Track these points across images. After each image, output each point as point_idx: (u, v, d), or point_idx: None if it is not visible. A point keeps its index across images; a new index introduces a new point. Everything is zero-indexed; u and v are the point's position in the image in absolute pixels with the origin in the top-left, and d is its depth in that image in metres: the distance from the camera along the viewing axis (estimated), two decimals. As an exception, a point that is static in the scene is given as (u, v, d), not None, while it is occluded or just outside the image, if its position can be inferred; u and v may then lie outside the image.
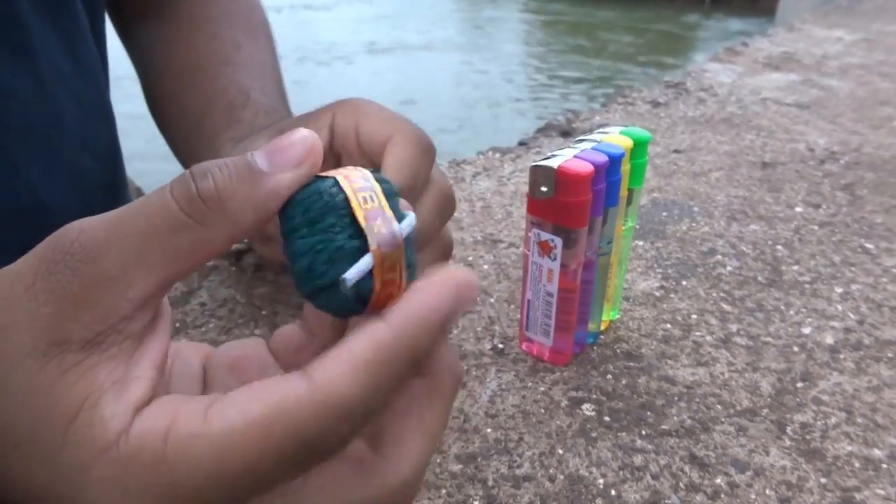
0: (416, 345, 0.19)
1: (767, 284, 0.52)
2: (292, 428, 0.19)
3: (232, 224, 0.20)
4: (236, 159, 0.21)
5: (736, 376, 0.42)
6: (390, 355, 0.19)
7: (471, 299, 0.20)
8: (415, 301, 0.20)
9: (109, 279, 0.20)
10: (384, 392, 0.19)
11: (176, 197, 0.20)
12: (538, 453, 0.36)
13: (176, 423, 0.19)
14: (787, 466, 0.35)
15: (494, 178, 0.69)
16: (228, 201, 0.20)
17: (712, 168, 0.73)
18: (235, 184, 0.20)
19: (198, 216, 0.20)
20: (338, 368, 0.19)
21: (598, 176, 0.38)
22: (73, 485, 0.19)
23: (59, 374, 0.19)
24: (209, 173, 0.20)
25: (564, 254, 0.38)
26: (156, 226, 0.20)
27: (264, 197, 0.20)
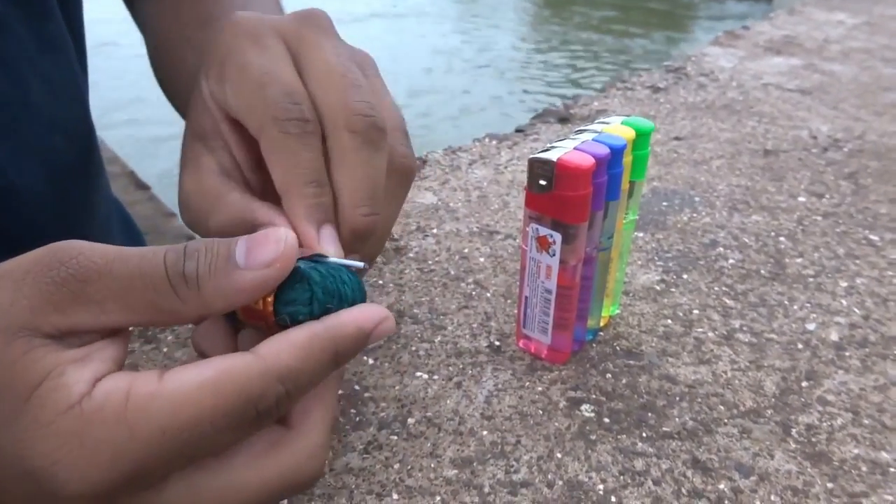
0: (340, 343, 0.24)
1: (770, 278, 0.50)
2: (240, 386, 0.22)
3: (202, 306, 0.23)
4: (222, 245, 0.24)
5: (739, 375, 0.41)
6: (321, 345, 0.24)
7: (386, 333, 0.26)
8: (348, 312, 0.25)
9: (89, 302, 0.22)
10: (311, 373, 0.24)
11: (167, 265, 0.23)
12: (536, 457, 0.34)
13: (134, 386, 0.22)
14: (793, 471, 0.34)
15: (491, 166, 0.67)
16: (204, 288, 0.23)
17: (713, 156, 0.72)
18: (213, 274, 0.23)
19: (177, 289, 0.23)
20: (280, 345, 0.23)
21: (600, 169, 0.36)
22: (29, 443, 0.21)
23: (24, 352, 0.22)
24: (196, 254, 0.23)
25: (564, 250, 0.37)
26: (143, 280, 0.23)
27: (234, 292, 0.23)
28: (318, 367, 0.24)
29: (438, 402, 0.38)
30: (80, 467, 0.21)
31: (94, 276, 0.22)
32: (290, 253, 0.24)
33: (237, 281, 0.23)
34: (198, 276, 0.23)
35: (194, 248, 0.23)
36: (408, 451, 0.35)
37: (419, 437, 0.35)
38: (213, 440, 0.22)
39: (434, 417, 0.37)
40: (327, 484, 0.33)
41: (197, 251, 0.23)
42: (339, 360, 0.25)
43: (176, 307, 0.23)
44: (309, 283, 0.25)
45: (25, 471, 0.21)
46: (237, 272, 0.23)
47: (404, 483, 0.33)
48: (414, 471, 0.34)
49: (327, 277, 0.26)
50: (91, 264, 0.22)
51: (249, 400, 0.22)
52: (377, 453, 0.34)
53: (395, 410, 0.37)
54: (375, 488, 0.33)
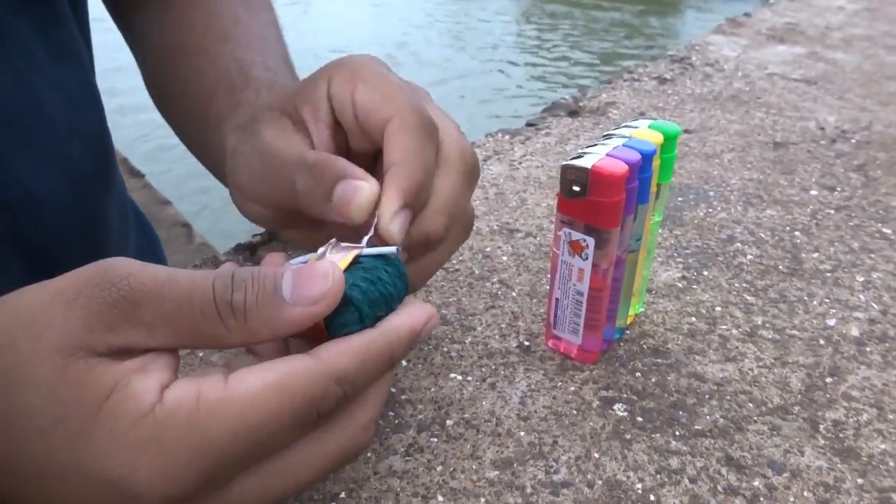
0: (394, 346, 0.26)
1: (789, 273, 0.51)
2: (302, 387, 0.23)
3: (248, 336, 0.24)
4: (268, 278, 0.24)
5: (765, 372, 0.42)
6: (377, 349, 0.25)
7: (434, 326, 0.28)
8: (399, 316, 0.27)
9: (139, 324, 0.23)
10: (367, 375, 0.25)
11: (216, 293, 0.24)
12: (574, 457, 0.35)
13: (203, 391, 0.23)
14: (823, 467, 0.36)
15: (506, 162, 0.68)
16: (250, 320, 0.24)
17: (724, 149, 0.72)
18: (259, 307, 0.24)
19: (224, 319, 0.24)
20: (340, 349, 0.25)
21: (632, 175, 0.37)
22: (108, 454, 0.22)
23: (87, 369, 0.22)
24: (244, 285, 0.24)
25: (596, 254, 0.38)
26: (192, 307, 0.23)
27: (279, 325, 0.24)
28: (374, 369, 0.26)
29: (474, 403, 0.39)
30: (161, 471, 0.22)
31: (145, 299, 0.23)
32: (336, 289, 0.25)
33: (283, 316, 0.24)
34: (245, 307, 0.24)
35: (242, 278, 0.24)
36: (449, 453, 0.35)
37: (458, 438, 0.36)
38: (279, 439, 0.24)
39: (471, 419, 0.38)
40: (373, 487, 0.34)
41: (244, 281, 0.24)
42: (394, 361, 0.27)
43: (221, 334, 0.24)
44: (355, 305, 0.26)
45: (106, 482, 0.22)
46: (284, 307, 0.24)
47: (448, 485, 0.34)
48: (457, 472, 0.34)
49: (369, 290, 0.27)
50: (142, 286, 0.23)
51: (312, 401, 0.24)
52: (419, 456, 0.35)
53: (432, 412, 0.38)
54: (420, 490, 0.33)
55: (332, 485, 0.34)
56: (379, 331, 0.26)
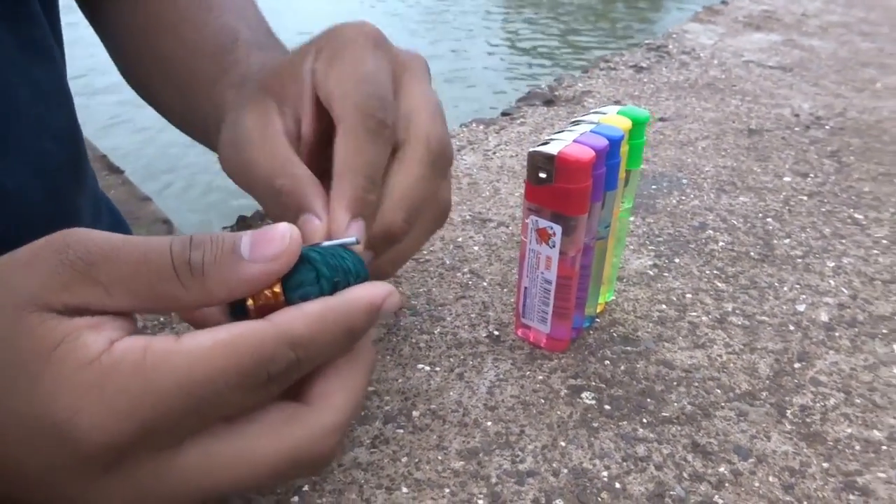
0: (352, 317, 0.25)
1: (760, 260, 0.51)
2: (253, 347, 0.23)
3: (205, 294, 0.24)
4: (227, 240, 0.24)
5: (734, 358, 0.42)
6: (335, 317, 0.25)
7: (394, 307, 0.27)
8: (359, 291, 0.26)
9: (96, 284, 0.23)
10: (323, 342, 0.25)
11: (173, 253, 0.24)
12: (541, 446, 0.35)
13: (152, 344, 0.23)
14: (789, 452, 0.36)
15: (479, 152, 0.67)
16: (208, 276, 0.24)
17: (699, 137, 0.72)
18: (218, 264, 0.24)
19: (182, 277, 0.24)
20: (293, 314, 0.24)
21: (599, 161, 0.37)
22: (51, 397, 0.22)
23: (40, 322, 0.23)
24: (203, 246, 0.24)
25: (563, 241, 0.38)
26: (148, 266, 0.23)
27: (237, 282, 0.24)
28: (331, 338, 0.25)
29: (441, 394, 0.38)
30: (101, 415, 0.22)
31: (101, 260, 0.23)
32: (293, 248, 0.25)
33: (240, 271, 0.24)
34: (203, 265, 0.24)
35: (200, 239, 0.24)
36: (414, 444, 0.35)
37: (425, 429, 0.36)
38: (226, 399, 0.23)
39: (438, 410, 0.37)
40: (336, 479, 0.33)
41: (203, 242, 0.24)
42: (352, 334, 0.26)
43: (178, 294, 0.24)
44: (311, 263, 0.26)
45: (50, 425, 0.22)
46: (241, 263, 0.24)
47: (413, 476, 0.33)
48: (422, 463, 0.34)
49: (327, 255, 0.27)
50: (98, 248, 0.23)
51: (261, 361, 0.23)
52: (384, 447, 0.35)
53: (399, 404, 0.38)
54: (385, 482, 0.33)
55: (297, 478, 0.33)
56: (336, 299, 0.26)
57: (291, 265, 0.25)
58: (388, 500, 0.32)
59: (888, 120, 0.78)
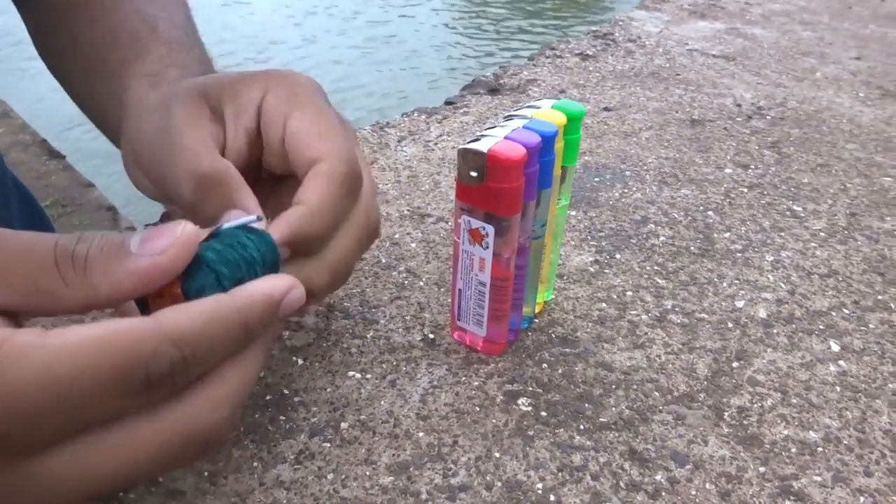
0: (247, 313, 0.23)
1: (700, 255, 0.51)
2: (128, 343, 0.21)
3: (87, 290, 0.22)
4: (115, 237, 0.23)
5: (672, 358, 0.41)
6: (226, 312, 0.23)
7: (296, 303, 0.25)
8: (257, 283, 0.24)
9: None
10: (214, 340, 0.23)
11: (58, 246, 0.22)
12: (474, 458, 0.34)
13: (12, 336, 0.20)
14: (726, 456, 0.35)
15: (420, 142, 0.65)
16: (91, 269, 0.22)
17: (643, 127, 0.71)
18: (102, 257, 0.22)
19: (62, 269, 0.22)
20: (179, 311, 0.22)
21: (531, 158, 0.35)
22: None
23: None
24: (90, 240, 0.22)
25: (497, 242, 0.36)
26: (30, 259, 0.22)
27: (122, 275, 0.22)
28: (224, 335, 0.23)
29: (372, 403, 0.36)
30: None
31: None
32: (185, 241, 0.23)
33: (125, 265, 0.22)
34: (87, 257, 0.22)
35: (90, 235, 0.23)
36: (342, 459, 0.33)
37: (353, 442, 0.34)
38: (97, 401, 0.21)
39: (368, 420, 0.35)
40: (257, 499, 0.31)
41: (91, 237, 0.23)
42: (249, 330, 0.24)
43: (58, 289, 0.22)
44: (210, 267, 0.24)
45: None
46: (128, 257, 0.23)
47: (339, 494, 0.32)
48: (349, 480, 0.32)
49: (225, 250, 0.25)
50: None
51: (138, 359, 0.21)
52: (309, 463, 0.33)
53: (327, 415, 0.36)
54: (308, 502, 0.31)
55: (213, 499, 0.31)
56: (229, 294, 0.24)
57: (183, 259, 0.23)
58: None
59: (827, 110, 0.79)
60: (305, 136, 0.31)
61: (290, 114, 0.31)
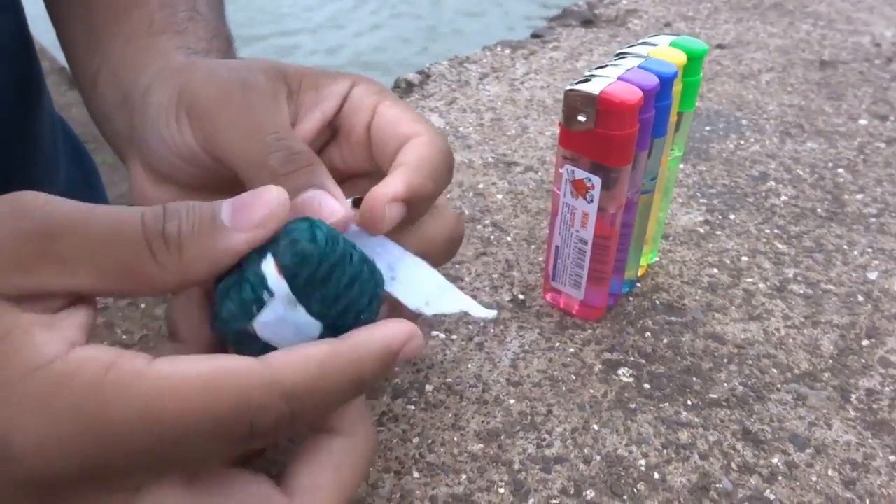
0: (364, 364, 0.24)
1: (827, 218, 0.51)
2: (238, 391, 0.22)
3: (183, 272, 0.23)
4: (205, 208, 0.24)
5: (793, 333, 0.42)
6: (341, 366, 0.23)
7: (415, 352, 0.25)
8: (373, 329, 0.25)
9: (57, 261, 0.22)
10: (325, 396, 0.23)
11: (146, 225, 0.23)
12: (570, 429, 0.36)
13: (119, 360, 0.21)
14: (852, 442, 0.36)
15: (505, 81, 0.66)
16: (186, 249, 0.23)
17: (762, 69, 0.71)
18: (196, 234, 0.23)
19: (156, 252, 0.23)
20: (293, 358, 0.23)
21: (647, 102, 0.36)
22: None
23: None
24: (178, 215, 0.23)
25: (603, 195, 0.37)
26: (120, 240, 0.23)
27: (220, 253, 0.23)
28: (335, 390, 0.24)
29: (458, 366, 0.39)
30: (40, 438, 0.21)
31: (63, 232, 0.22)
32: (282, 212, 0.24)
33: (222, 241, 0.23)
34: (180, 237, 0.23)
35: (175, 208, 0.23)
36: (427, 423, 0.36)
37: (439, 406, 0.37)
38: (194, 447, 0.22)
39: (455, 384, 0.38)
40: (339, 460, 0.34)
41: (178, 211, 0.23)
42: (362, 385, 0.24)
43: (152, 272, 0.23)
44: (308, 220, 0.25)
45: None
46: (224, 233, 0.24)
47: (425, 459, 0.34)
48: (435, 445, 0.35)
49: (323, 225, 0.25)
50: (60, 218, 0.22)
51: (246, 410, 0.22)
52: (393, 426, 0.35)
53: (410, 376, 0.38)
54: (393, 465, 0.34)
55: (294, 457, 0.34)
56: (347, 343, 0.24)
57: (276, 229, 0.24)
58: (397, 485, 0.33)
59: None
60: (398, 118, 0.32)
61: (381, 101, 0.33)
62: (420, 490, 0.33)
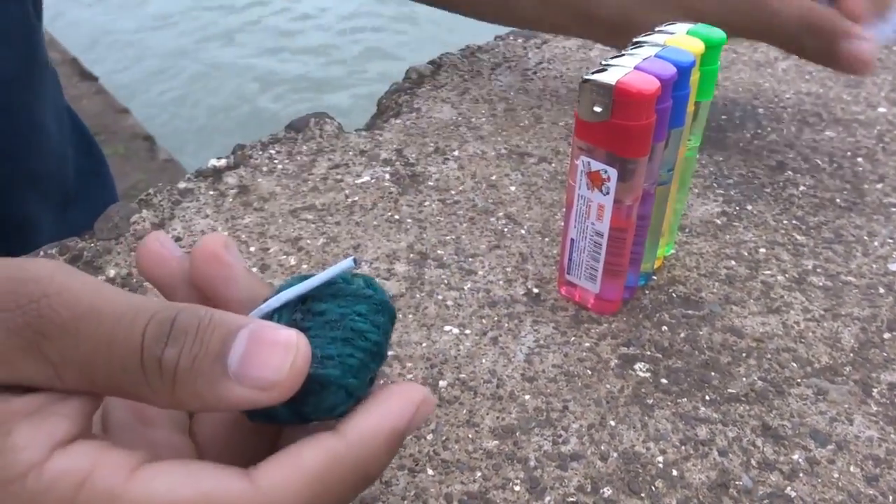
0: (369, 461, 0.22)
1: (847, 208, 0.50)
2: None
3: (174, 404, 0.21)
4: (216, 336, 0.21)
5: (813, 326, 0.41)
6: (342, 470, 0.21)
7: (426, 417, 0.23)
8: (373, 417, 0.22)
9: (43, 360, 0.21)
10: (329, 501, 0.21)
11: (145, 342, 0.21)
12: (586, 425, 0.35)
13: (97, 472, 0.20)
14: (874, 437, 0.35)
15: (518, 71, 0.65)
16: (179, 385, 0.21)
17: (779, 56, 0.70)
18: (192, 374, 0.21)
19: (149, 377, 0.21)
20: (284, 475, 0.21)
21: (665, 92, 0.35)
22: None
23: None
24: (182, 339, 0.21)
25: (619, 187, 0.37)
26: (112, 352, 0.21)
27: (213, 402, 0.21)
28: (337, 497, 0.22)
29: (472, 361, 0.38)
30: None
31: (56, 333, 0.21)
32: (297, 374, 0.21)
33: (220, 392, 0.21)
34: (176, 370, 0.21)
35: (183, 329, 0.21)
36: (441, 420, 0.35)
37: (453, 402, 0.36)
38: None
39: (469, 380, 0.37)
40: (353, 457, 0.34)
41: (185, 335, 0.21)
42: (369, 477, 0.23)
43: (143, 393, 0.21)
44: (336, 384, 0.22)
45: None
46: (223, 383, 0.21)
47: (439, 457, 0.34)
48: (450, 442, 0.34)
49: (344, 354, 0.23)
50: (55, 315, 0.21)
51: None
52: (407, 422, 0.35)
53: (423, 371, 0.38)
54: (407, 463, 0.33)
55: (307, 454, 0.34)
56: (346, 440, 0.22)
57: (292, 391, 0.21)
58: (412, 483, 0.32)
59: None
60: None
61: None
62: (434, 488, 0.32)
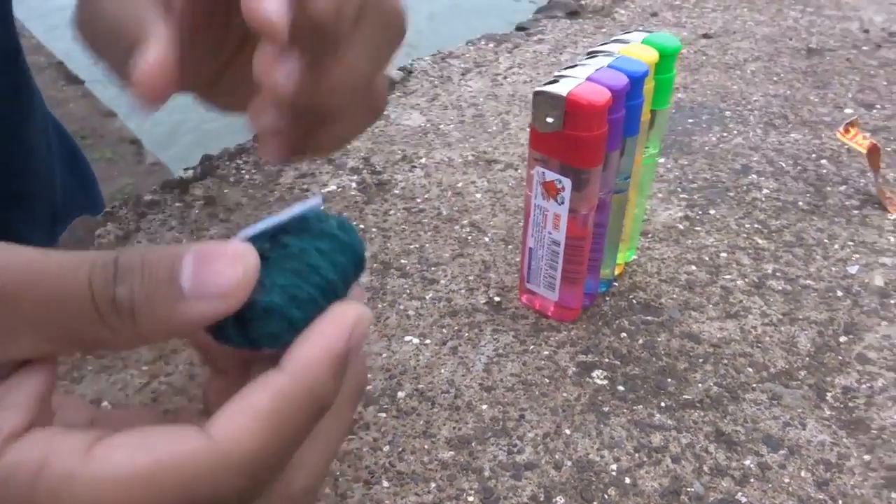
0: (317, 389, 0.22)
1: (809, 211, 0.51)
2: (182, 482, 0.20)
3: (138, 338, 0.21)
4: (163, 263, 0.21)
5: (770, 330, 0.41)
6: (292, 404, 0.21)
7: (364, 335, 0.23)
8: (309, 345, 0.22)
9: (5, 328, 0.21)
10: (288, 442, 0.21)
11: (94, 288, 0.21)
12: (542, 434, 0.35)
13: (52, 457, 0.20)
14: (826, 441, 0.36)
15: (488, 76, 0.66)
16: (140, 319, 0.21)
17: (748, 58, 0.70)
18: (151, 303, 0.21)
19: (107, 319, 0.21)
20: (237, 422, 0.21)
21: (616, 103, 0.35)
22: None
23: None
24: (131, 276, 0.21)
25: (574, 197, 0.37)
26: (63, 305, 0.21)
27: (175, 325, 0.21)
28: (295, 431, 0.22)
29: (431, 371, 0.38)
30: None
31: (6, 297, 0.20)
32: (249, 281, 0.22)
33: (180, 314, 0.21)
34: (133, 304, 0.21)
35: (128, 266, 0.21)
36: (398, 431, 0.36)
37: (411, 413, 0.36)
38: None
39: (427, 390, 0.37)
40: (310, 469, 0.34)
41: (131, 271, 0.21)
42: (323, 404, 0.22)
43: (104, 336, 0.21)
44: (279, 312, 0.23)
45: None
46: (181, 303, 0.21)
47: (395, 468, 0.34)
48: (405, 454, 0.35)
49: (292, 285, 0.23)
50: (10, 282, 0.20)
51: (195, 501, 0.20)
52: (364, 434, 0.35)
53: (382, 383, 0.38)
54: (363, 475, 0.34)
55: (264, 467, 0.34)
56: (289, 375, 0.22)
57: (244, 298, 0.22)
58: (367, 495, 0.33)
59: (976, 36, 0.75)
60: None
61: None
62: (389, 500, 0.33)
